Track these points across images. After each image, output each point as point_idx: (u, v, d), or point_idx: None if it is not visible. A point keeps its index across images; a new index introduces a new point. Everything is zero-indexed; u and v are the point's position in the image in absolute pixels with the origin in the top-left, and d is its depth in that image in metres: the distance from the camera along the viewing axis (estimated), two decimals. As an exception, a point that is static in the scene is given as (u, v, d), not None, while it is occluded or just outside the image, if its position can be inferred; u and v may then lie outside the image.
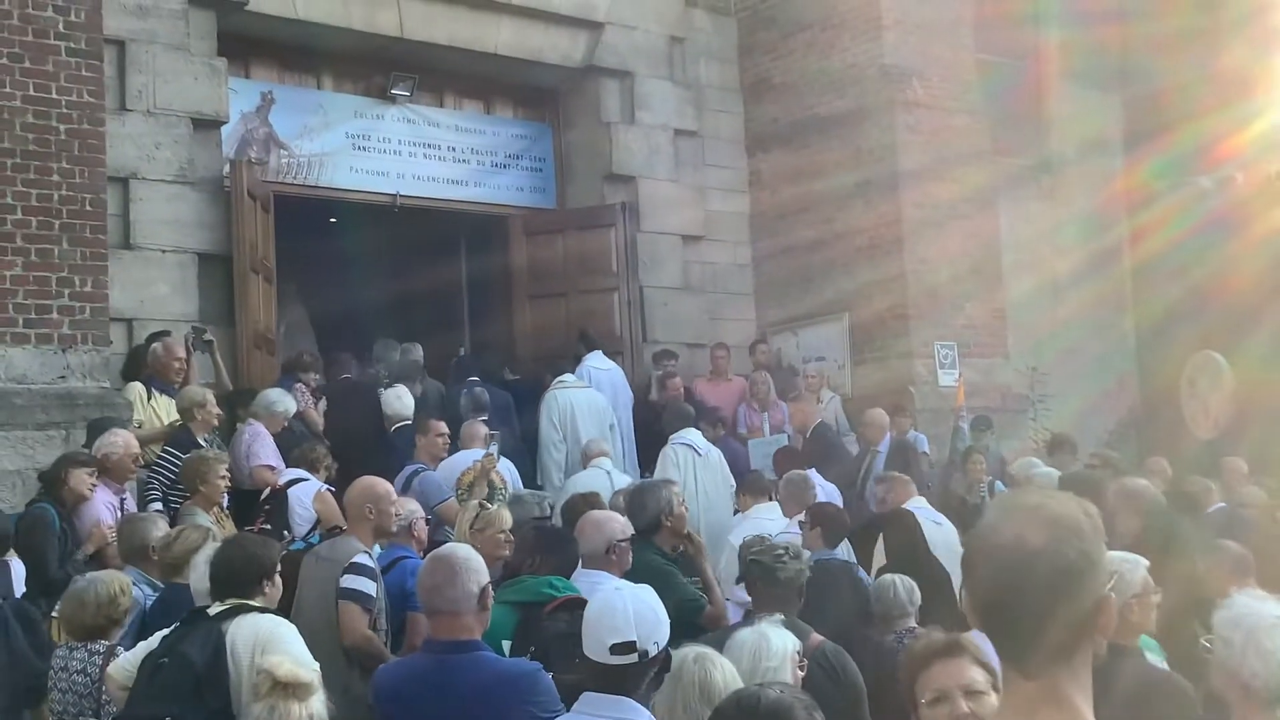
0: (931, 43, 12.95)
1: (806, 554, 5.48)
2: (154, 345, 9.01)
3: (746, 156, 13.82)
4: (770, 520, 7.98)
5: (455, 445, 9.17)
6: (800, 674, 4.05)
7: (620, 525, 5.61)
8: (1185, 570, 5.77)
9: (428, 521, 6.90)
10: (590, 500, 7.02)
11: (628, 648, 3.26)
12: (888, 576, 6.39)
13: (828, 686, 4.50)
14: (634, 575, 5.17)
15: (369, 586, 5.48)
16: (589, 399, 10.52)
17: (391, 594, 5.78)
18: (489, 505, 6.45)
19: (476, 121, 13.07)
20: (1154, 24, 14.59)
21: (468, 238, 14.18)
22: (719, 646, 3.89)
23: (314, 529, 7.34)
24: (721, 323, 13.40)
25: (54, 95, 8.68)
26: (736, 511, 8.93)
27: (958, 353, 12.48)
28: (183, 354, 9.02)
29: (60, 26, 8.76)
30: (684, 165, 13.35)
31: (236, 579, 4.66)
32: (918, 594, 6.20)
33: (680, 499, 6.52)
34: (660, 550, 6.21)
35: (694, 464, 9.45)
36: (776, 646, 3.98)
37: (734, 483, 9.44)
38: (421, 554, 5.99)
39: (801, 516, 7.40)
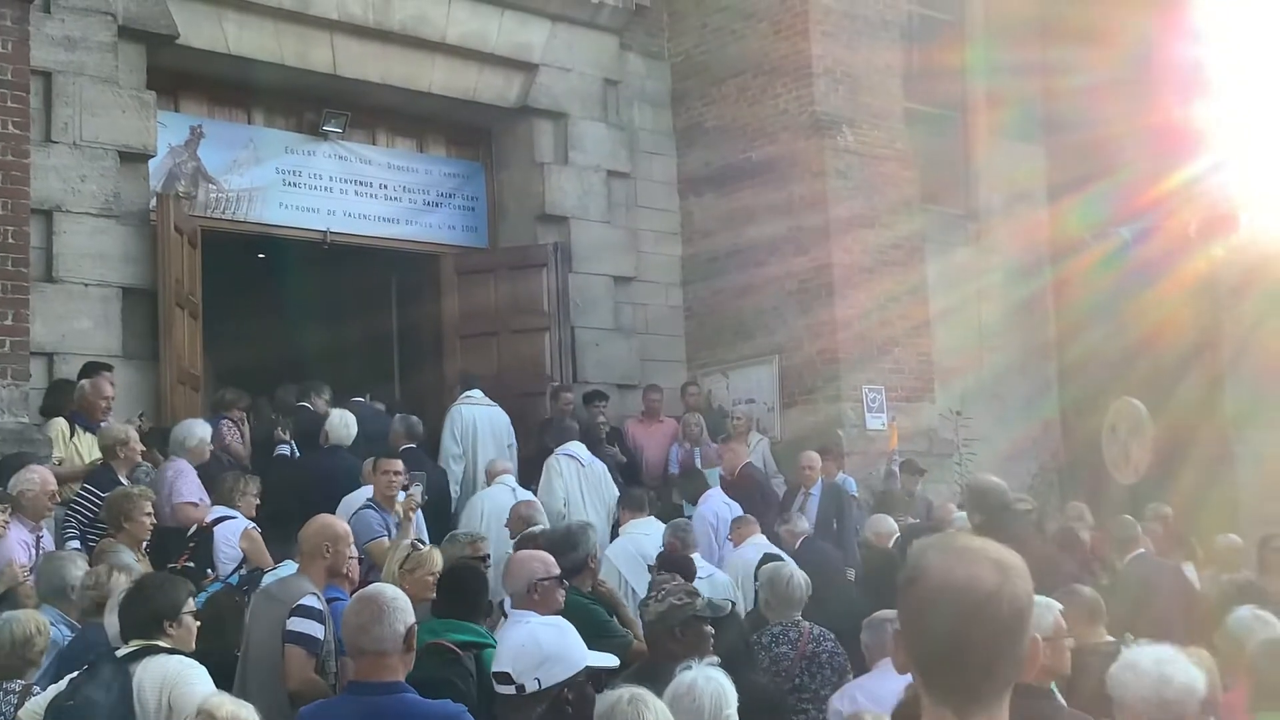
0: (861, 91, 13.15)
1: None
2: (82, 382, 8.83)
3: (679, 199, 13.91)
4: (646, 535, 8.41)
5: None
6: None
7: (542, 564, 5.57)
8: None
9: (361, 561, 6.81)
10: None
11: (504, 678, 3.24)
12: (788, 569, 6.73)
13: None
14: (565, 615, 5.15)
15: (315, 629, 5.34)
16: (490, 416, 10.77)
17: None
18: (420, 546, 6.37)
19: (409, 159, 13.05)
20: (1080, 76, 14.88)
21: (399, 276, 14.12)
22: (658, 688, 3.86)
23: (239, 567, 7.23)
24: (652, 364, 13.43)
25: (-22, 125, 8.56)
26: (616, 524, 9.38)
27: (885, 397, 12.60)
28: (110, 393, 8.83)
29: (-14, 57, 8.65)
30: (616, 207, 13.40)
31: (139, 620, 4.58)
32: (809, 591, 6.61)
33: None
34: (579, 591, 6.26)
35: (578, 474, 9.99)
36: (731, 693, 3.96)
37: (615, 496, 9.88)
38: (351, 595, 5.91)
39: (651, 562, 7.51)
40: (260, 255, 13.51)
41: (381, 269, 13.94)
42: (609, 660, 3.48)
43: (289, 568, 7.04)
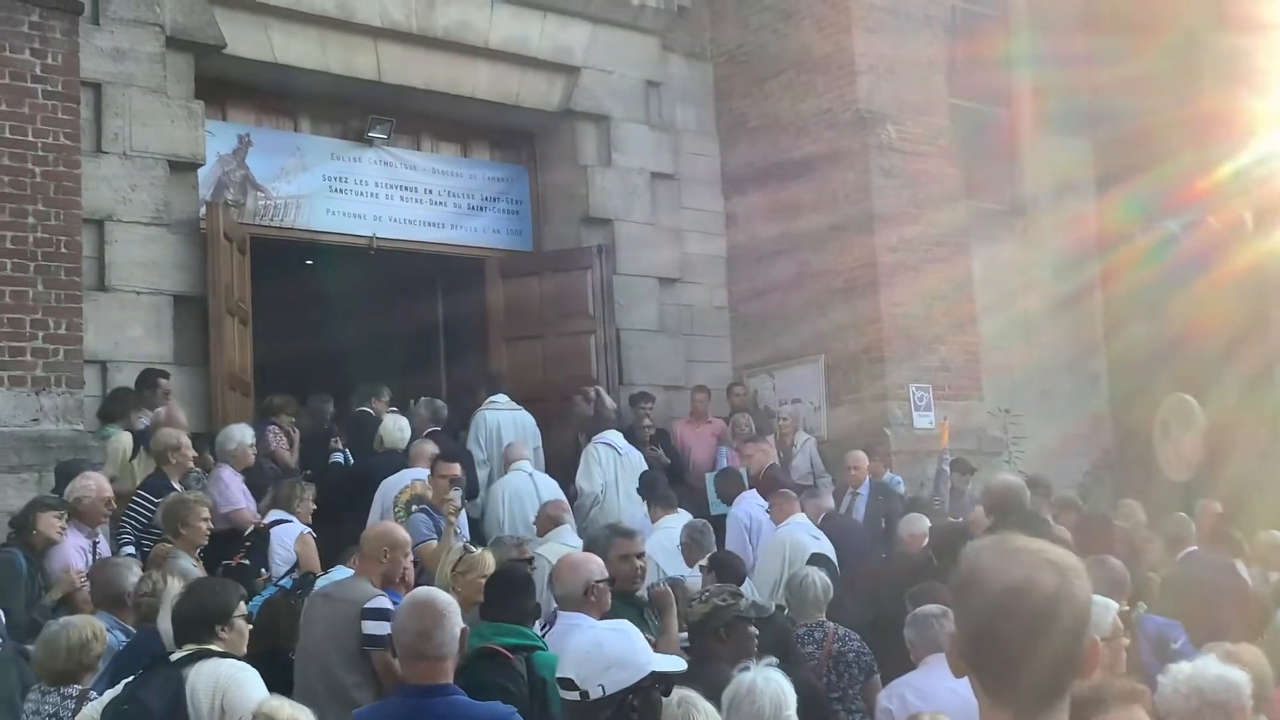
0: (905, 87, 13.08)
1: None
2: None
3: (722, 199, 13.89)
4: (678, 531, 8.48)
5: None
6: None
7: (597, 566, 5.59)
8: None
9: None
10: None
11: (568, 684, 3.25)
12: (805, 571, 6.81)
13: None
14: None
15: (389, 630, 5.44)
16: (515, 419, 10.84)
17: None
18: (473, 549, 6.41)
19: (453, 164, 13.11)
20: (1126, 66, 14.72)
21: (444, 280, 14.19)
22: (717, 691, 3.86)
23: (291, 570, 7.31)
24: (698, 365, 13.42)
25: (30, 138, 8.71)
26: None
27: (933, 395, 12.52)
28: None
29: (37, 69, 8.80)
30: (660, 208, 13.41)
31: (192, 624, 4.63)
32: (831, 591, 6.74)
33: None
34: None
35: (615, 462, 10.27)
36: (790, 694, 3.97)
37: None
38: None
39: (704, 561, 7.51)
40: (308, 261, 13.62)
41: (427, 273, 14.03)
42: (676, 664, 3.48)
43: (341, 572, 7.12)
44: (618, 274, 12.92)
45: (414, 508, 8.33)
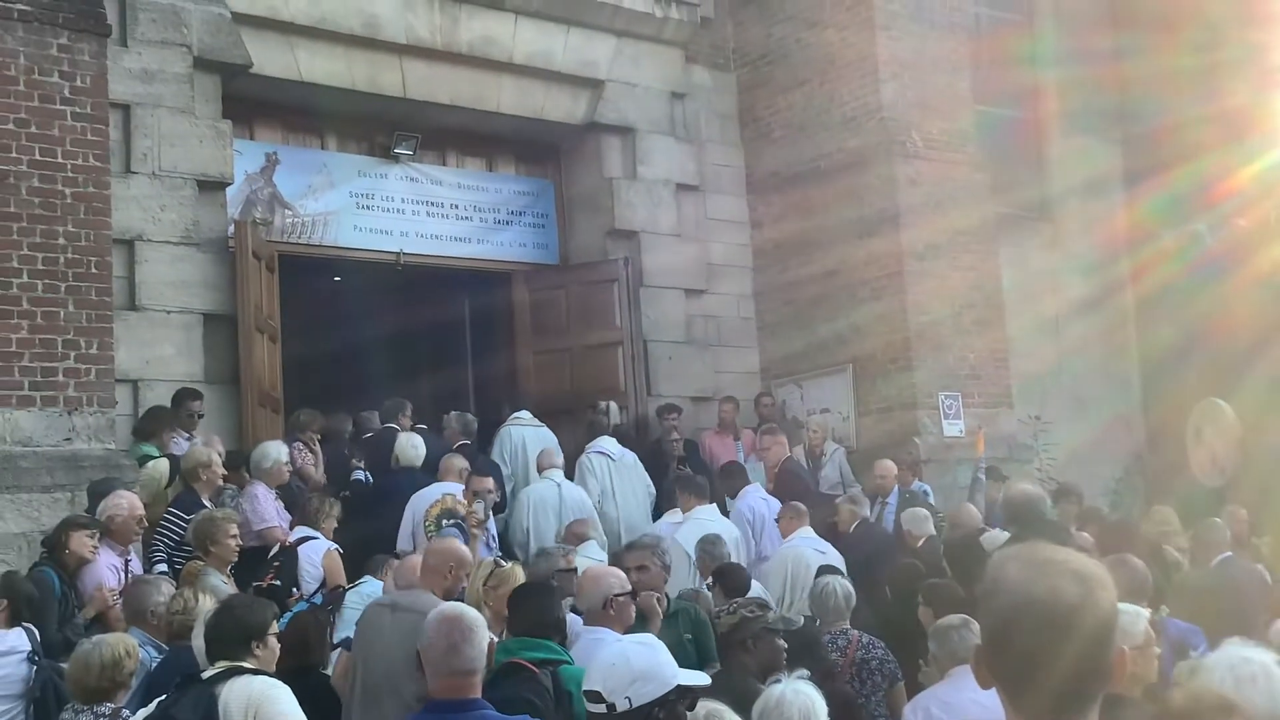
0: (929, 92, 13.06)
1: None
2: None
3: (748, 210, 13.90)
4: (710, 520, 8.81)
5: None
6: None
7: (618, 580, 5.59)
8: None
9: None
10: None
11: (595, 697, 3.25)
12: (826, 579, 6.83)
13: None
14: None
15: None
16: (539, 436, 10.88)
17: None
18: (504, 563, 6.43)
19: (479, 179, 13.17)
20: (1152, 63, 14.66)
21: (472, 295, 14.24)
22: (745, 703, 3.86)
23: (320, 587, 7.34)
24: (726, 376, 13.42)
25: (59, 159, 8.77)
26: (658, 514, 9.97)
27: (962, 403, 12.48)
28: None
29: (66, 91, 8.87)
30: (686, 220, 13.43)
31: (227, 641, 4.64)
32: (854, 599, 6.79)
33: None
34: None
35: (609, 468, 10.39)
36: (820, 706, 3.96)
37: (651, 486, 10.52)
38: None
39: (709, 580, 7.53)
40: (336, 278, 13.69)
41: (454, 288, 14.09)
42: (701, 679, 3.48)
43: (372, 585, 7.16)
44: (644, 285, 12.94)
45: (445, 522, 8.38)
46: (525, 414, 11.16)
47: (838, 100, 13.10)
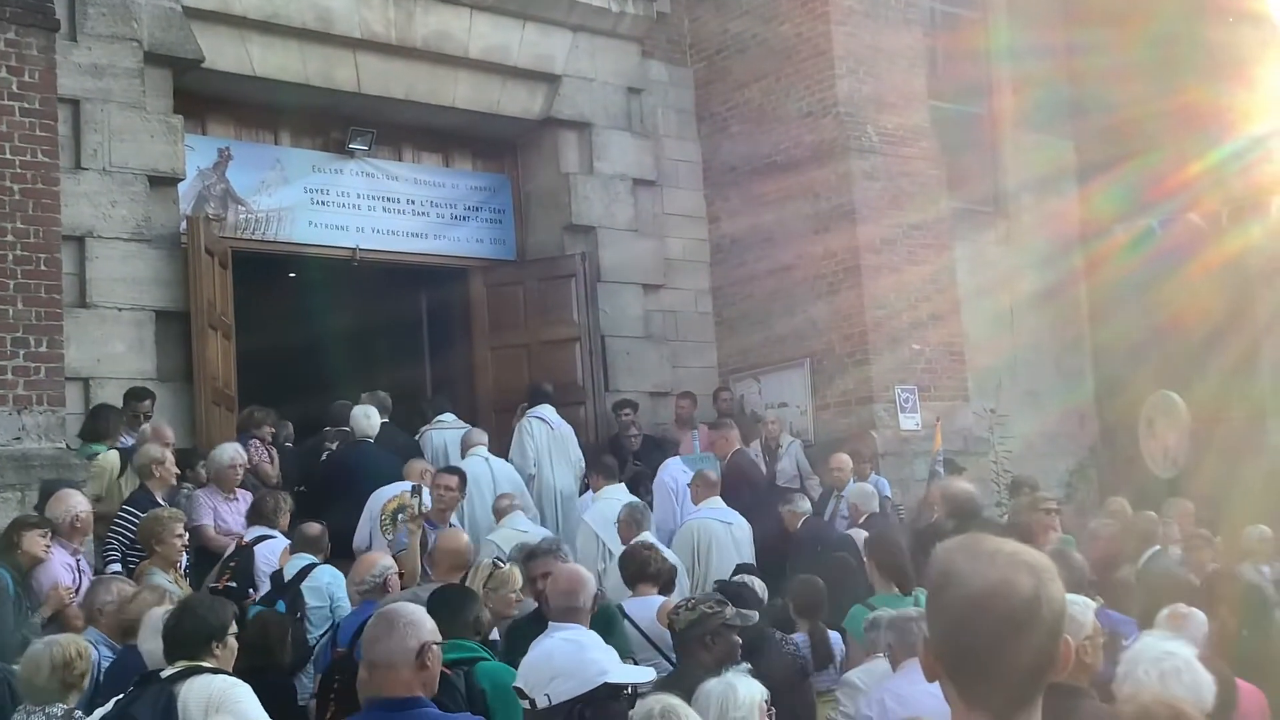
0: (885, 87, 13.11)
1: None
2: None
3: (705, 205, 13.91)
4: (619, 500, 8.90)
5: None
6: None
7: (581, 581, 5.58)
8: None
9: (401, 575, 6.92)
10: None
11: (519, 693, 3.24)
12: (744, 579, 7.04)
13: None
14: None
15: None
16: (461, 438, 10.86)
17: None
18: (502, 564, 6.41)
19: (435, 174, 13.11)
20: (1105, 59, 14.77)
21: (428, 291, 14.16)
22: (687, 695, 3.87)
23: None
24: (684, 371, 13.43)
25: (8, 155, 8.66)
26: (585, 489, 10.09)
27: (918, 396, 12.54)
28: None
29: (14, 87, 8.75)
30: (643, 213, 13.42)
31: (188, 641, 4.61)
32: (765, 594, 7.05)
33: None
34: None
35: (547, 436, 10.61)
36: (744, 696, 3.96)
37: (581, 460, 10.66)
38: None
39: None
40: (291, 274, 13.59)
41: (411, 284, 14.00)
42: (638, 675, 3.46)
43: (302, 559, 7.16)
44: (601, 281, 12.93)
45: (400, 517, 8.39)
46: (449, 417, 11.14)
47: (794, 95, 13.12)
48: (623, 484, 9.55)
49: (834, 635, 6.94)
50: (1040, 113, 15.60)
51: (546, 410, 10.82)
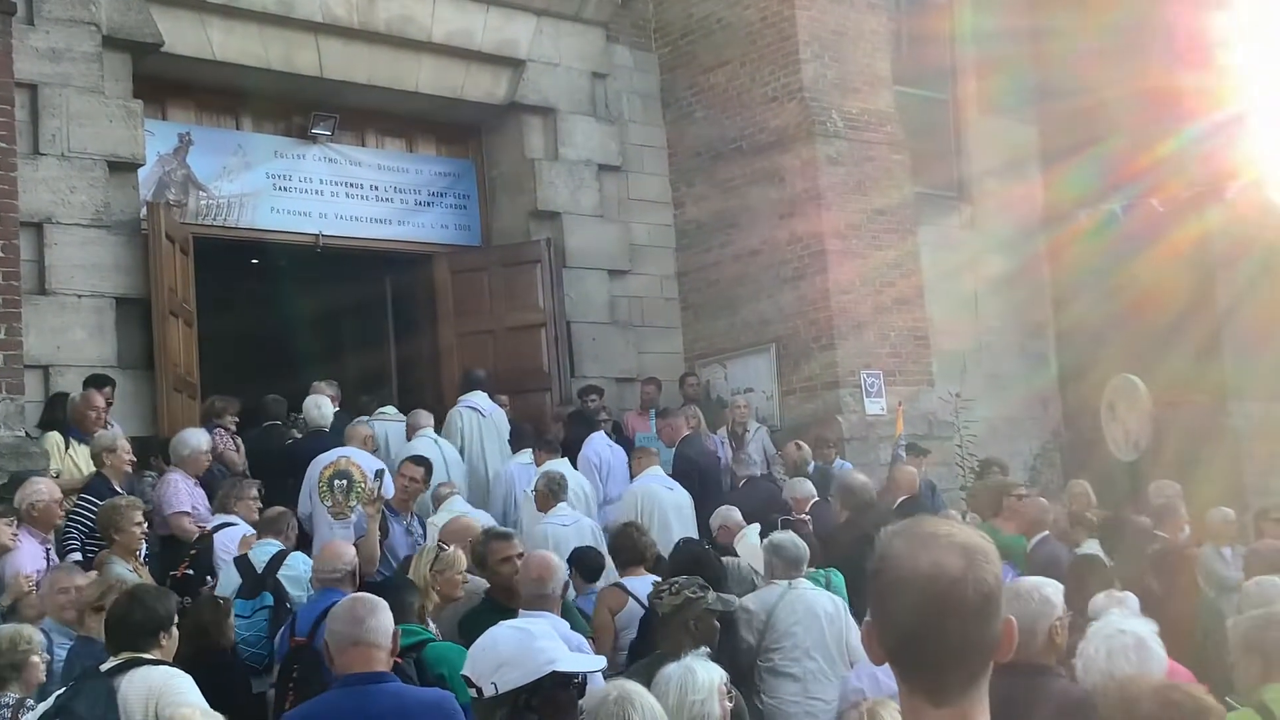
0: (850, 75, 13.12)
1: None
2: (72, 395, 8.87)
3: (670, 190, 13.89)
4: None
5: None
6: (729, 705, 4.04)
7: (549, 568, 5.60)
8: None
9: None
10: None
11: (468, 681, 3.25)
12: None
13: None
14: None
15: None
16: (402, 430, 10.90)
17: None
18: (446, 547, 6.43)
19: (399, 160, 13.03)
20: (1068, 44, 14.84)
21: (393, 277, 14.09)
22: (648, 681, 3.88)
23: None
24: (650, 357, 13.42)
25: (-36, 141, 8.55)
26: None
27: (884, 381, 12.58)
28: (99, 403, 8.86)
29: (-32, 72, 8.65)
30: (608, 199, 13.39)
31: (131, 632, 4.60)
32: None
33: None
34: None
35: (478, 424, 10.75)
36: (702, 680, 3.97)
37: (509, 445, 10.54)
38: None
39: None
40: (253, 261, 13.50)
41: (375, 270, 13.93)
42: (590, 664, 3.48)
43: (270, 545, 7.12)
44: (567, 267, 12.90)
45: (336, 482, 8.47)
46: (390, 409, 11.08)
47: (759, 80, 13.12)
48: (565, 459, 9.68)
49: None
50: (1004, 97, 15.66)
51: (478, 398, 10.88)
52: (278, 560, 7.08)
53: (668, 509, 9.07)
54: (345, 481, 8.44)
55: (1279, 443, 13.98)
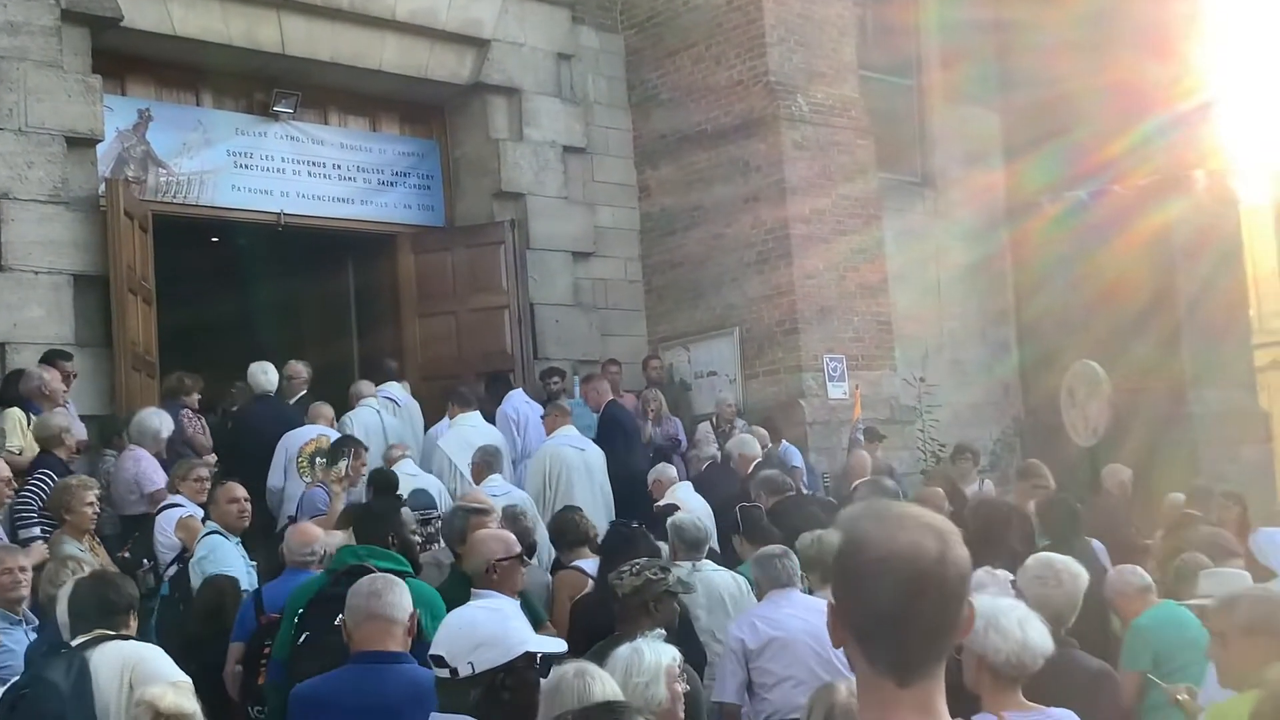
0: (816, 59, 13.12)
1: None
2: (29, 370, 8.75)
3: (636, 173, 13.85)
4: (474, 428, 9.67)
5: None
6: (682, 688, 4.02)
7: (501, 544, 5.55)
8: None
9: None
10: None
11: (439, 661, 3.23)
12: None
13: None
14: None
15: None
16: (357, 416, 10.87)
17: None
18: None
19: (362, 139, 12.93)
20: (1033, 34, 14.90)
21: (355, 257, 13.98)
22: (602, 662, 3.86)
23: (178, 557, 7.15)
24: (613, 339, 13.39)
25: (-82, 114, 8.42)
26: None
27: (846, 365, 12.61)
28: (53, 379, 8.73)
29: (-77, 42, 8.50)
30: (573, 181, 13.34)
31: (107, 610, 4.65)
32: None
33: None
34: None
35: (394, 414, 10.65)
36: (649, 661, 3.94)
37: (421, 434, 10.74)
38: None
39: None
40: (214, 239, 13.37)
41: (338, 250, 13.82)
42: (554, 646, 3.47)
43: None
44: (530, 248, 12.84)
45: (318, 460, 8.52)
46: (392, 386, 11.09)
47: (725, 64, 13.10)
48: (478, 412, 9.96)
49: None
50: (969, 86, 15.71)
51: (394, 389, 10.89)
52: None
53: (575, 469, 9.27)
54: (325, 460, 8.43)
55: (1236, 429, 14.14)
